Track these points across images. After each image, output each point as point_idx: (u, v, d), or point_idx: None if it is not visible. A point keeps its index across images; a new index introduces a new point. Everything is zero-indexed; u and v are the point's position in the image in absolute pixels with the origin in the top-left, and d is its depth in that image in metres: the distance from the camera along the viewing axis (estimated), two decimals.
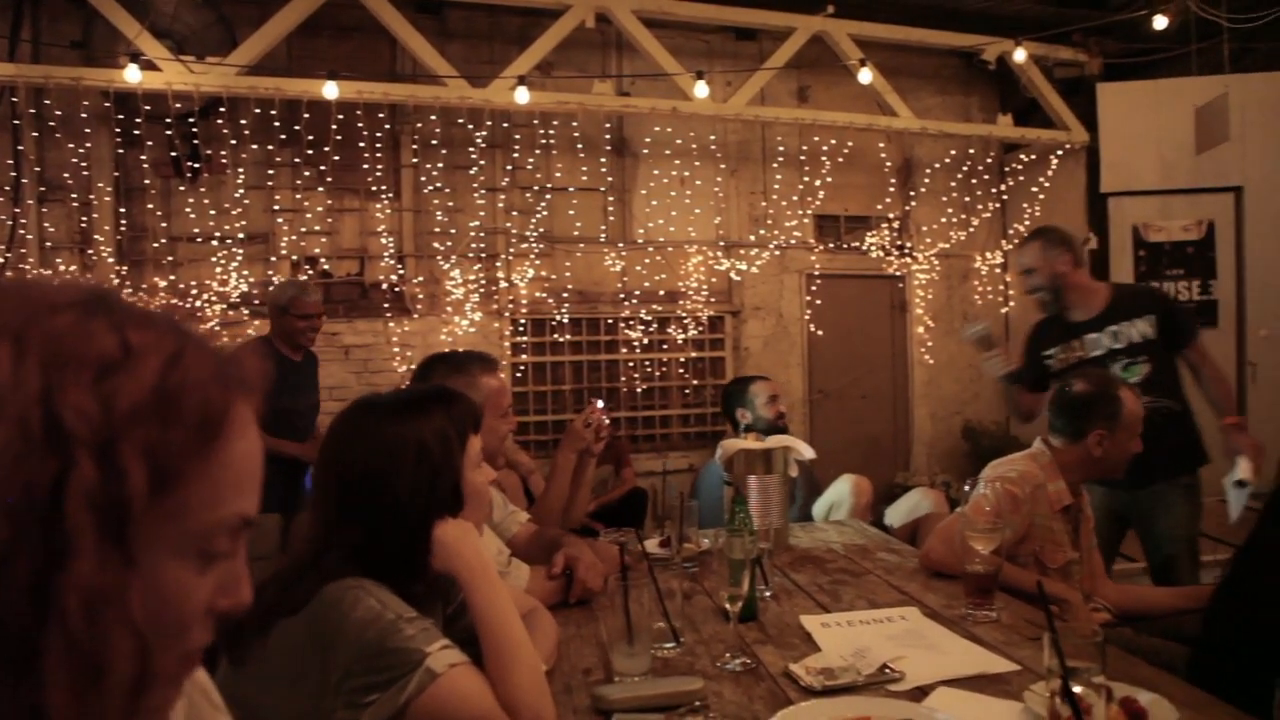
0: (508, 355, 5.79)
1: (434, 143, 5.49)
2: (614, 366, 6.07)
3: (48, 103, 4.75)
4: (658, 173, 6.14)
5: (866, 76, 5.60)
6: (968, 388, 6.85)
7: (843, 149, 6.23)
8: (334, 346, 5.39)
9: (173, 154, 5.05)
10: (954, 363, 6.75)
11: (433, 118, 5.35)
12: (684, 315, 6.15)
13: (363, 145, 5.20)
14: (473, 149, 5.55)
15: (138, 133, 4.82)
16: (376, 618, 1.16)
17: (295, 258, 5.45)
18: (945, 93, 6.76)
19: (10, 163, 4.91)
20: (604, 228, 6.08)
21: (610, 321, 6.05)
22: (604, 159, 5.95)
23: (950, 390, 6.79)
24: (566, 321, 5.92)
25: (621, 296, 6.06)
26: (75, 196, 5.05)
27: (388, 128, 5.44)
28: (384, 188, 5.53)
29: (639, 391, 6.09)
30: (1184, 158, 5.83)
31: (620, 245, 6.06)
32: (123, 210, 5.10)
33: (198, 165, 5.10)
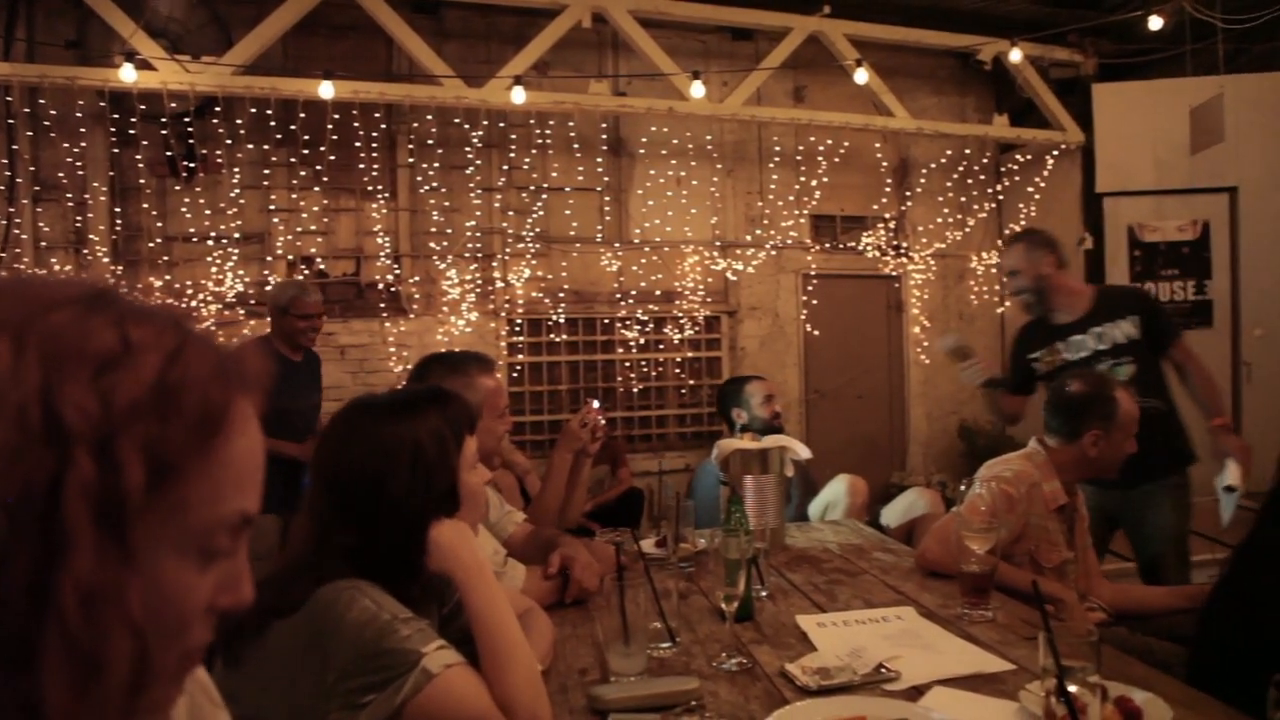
0: (504, 355, 5.78)
1: (430, 142, 5.48)
2: (610, 366, 6.07)
3: (42, 102, 4.74)
4: (654, 173, 6.13)
5: (862, 77, 5.60)
6: (963, 388, 6.83)
7: (839, 149, 6.23)
8: (330, 346, 5.37)
9: (168, 153, 5.05)
10: (949, 363, 6.74)
11: (429, 117, 5.34)
12: (680, 315, 6.15)
13: (359, 145, 5.20)
14: (469, 149, 5.54)
15: (133, 132, 4.80)
16: (372, 619, 1.16)
17: (291, 257, 5.44)
18: (941, 93, 6.77)
19: (5, 162, 4.90)
20: (600, 228, 6.08)
21: (606, 321, 6.05)
22: (600, 159, 5.95)
23: (946, 390, 6.80)
24: (563, 321, 5.92)
25: (618, 296, 6.06)
26: (70, 196, 5.04)
27: (384, 127, 5.43)
28: (380, 187, 5.52)
29: (635, 391, 6.09)
30: (1179, 158, 5.85)
31: (616, 245, 6.06)
32: (118, 210, 5.09)
33: (193, 165, 5.10)
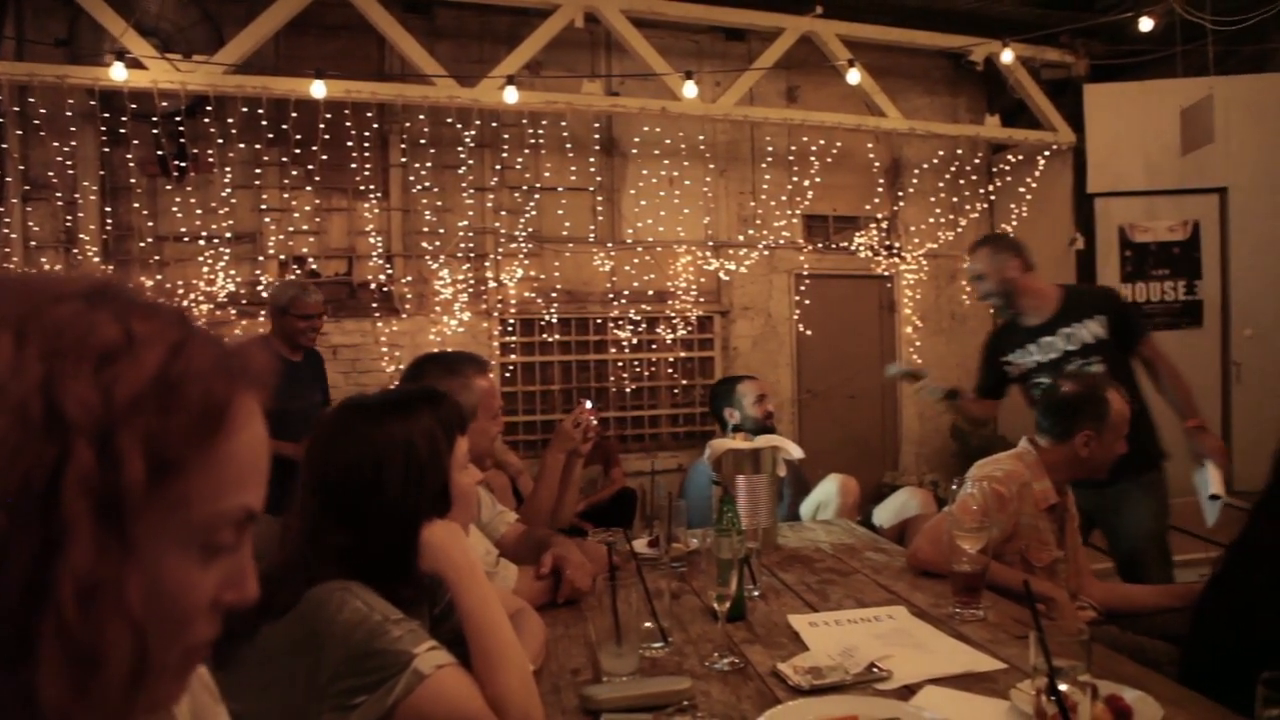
0: (496, 355, 5.77)
1: (422, 142, 5.47)
2: (603, 366, 6.07)
3: (32, 101, 4.71)
4: (646, 173, 6.13)
5: (855, 77, 5.61)
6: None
7: (831, 149, 6.24)
8: (322, 346, 5.30)
9: (159, 153, 5.03)
10: (942, 362, 6.76)
11: (421, 117, 5.33)
12: (673, 315, 6.15)
13: (351, 144, 5.18)
14: (461, 148, 5.54)
15: (123, 131, 4.79)
16: (363, 620, 1.15)
17: (283, 257, 5.42)
18: (933, 93, 6.78)
19: None
20: (593, 228, 6.08)
21: (599, 321, 6.05)
22: (593, 159, 5.95)
23: None
24: (555, 321, 5.91)
25: (610, 296, 6.06)
26: (60, 195, 5.01)
27: (376, 127, 5.41)
28: (372, 187, 5.51)
29: (628, 391, 6.09)
30: (1169, 159, 5.88)
31: (609, 245, 6.06)
32: (108, 209, 5.06)
33: (184, 164, 5.08)
